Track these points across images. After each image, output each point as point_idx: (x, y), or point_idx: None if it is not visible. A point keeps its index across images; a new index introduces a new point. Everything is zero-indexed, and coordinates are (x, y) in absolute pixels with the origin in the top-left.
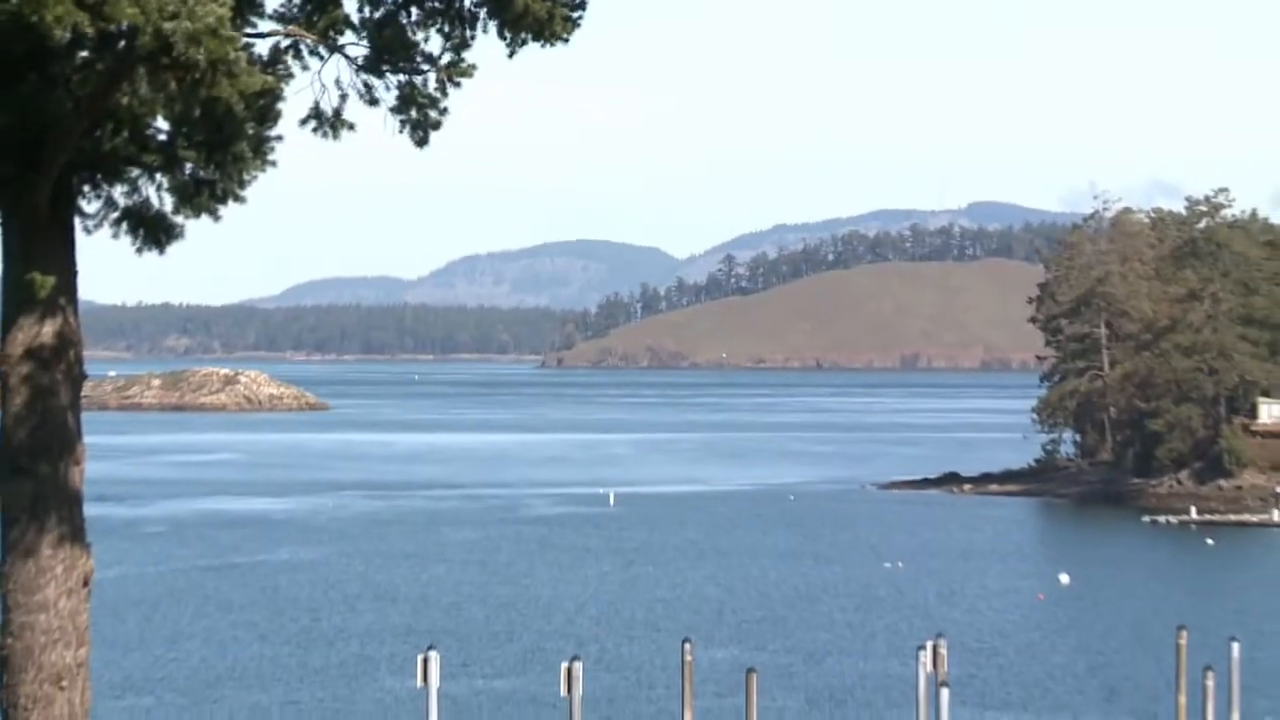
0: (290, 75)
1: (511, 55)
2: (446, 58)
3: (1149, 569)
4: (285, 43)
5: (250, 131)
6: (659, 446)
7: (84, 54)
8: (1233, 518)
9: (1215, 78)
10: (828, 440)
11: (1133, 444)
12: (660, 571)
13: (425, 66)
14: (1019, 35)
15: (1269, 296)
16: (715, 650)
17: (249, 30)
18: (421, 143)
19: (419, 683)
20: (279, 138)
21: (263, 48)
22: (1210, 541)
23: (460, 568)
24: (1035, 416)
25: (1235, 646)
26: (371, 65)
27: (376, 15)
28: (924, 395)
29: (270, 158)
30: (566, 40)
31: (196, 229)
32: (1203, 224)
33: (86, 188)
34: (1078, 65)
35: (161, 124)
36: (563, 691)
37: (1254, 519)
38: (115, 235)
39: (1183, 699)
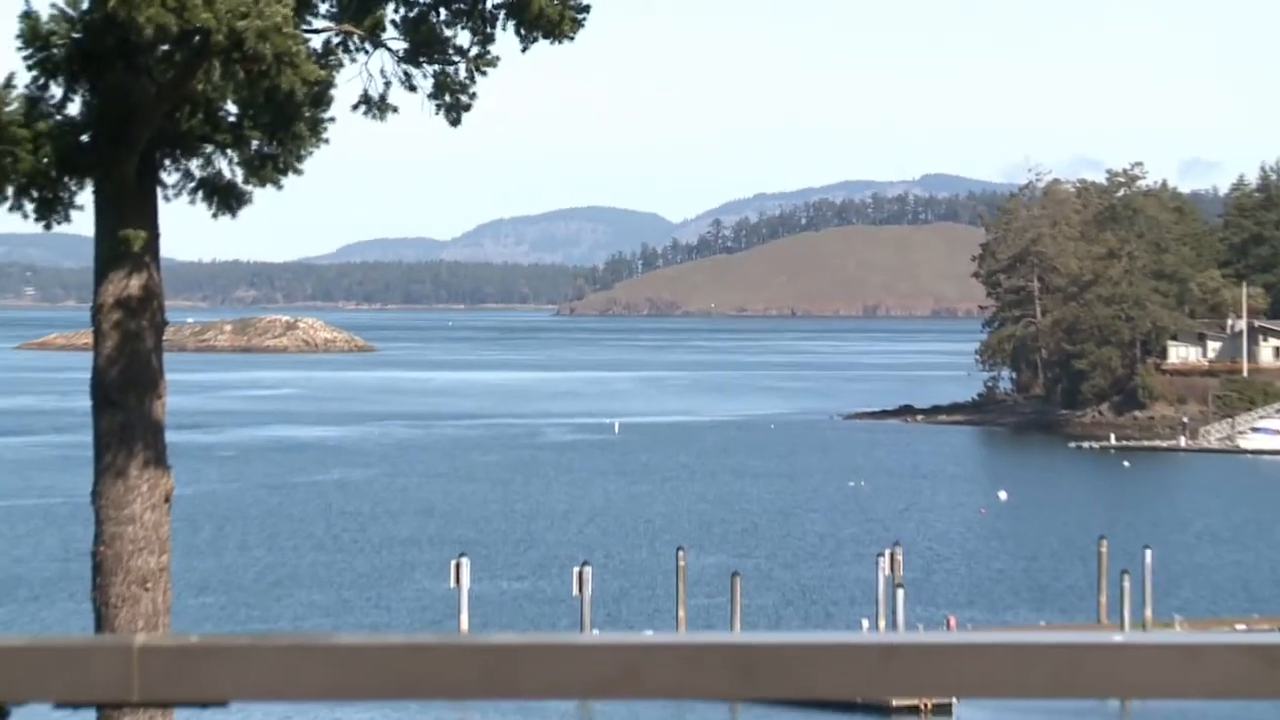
0: (341, 65)
1: (525, 50)
2: (474, 51)
3: (1075, 487)
4: (337, 38)
5: (307, 114)
6: (657, 383)
7: (165, 47)
8: (1146, 443)
9: (1131, 63)
10: (801, 377)
11: (1061, 381)
12: (658, 489)
13: (456, 58)
14: (969, 30)
15: (1177, 254)
16: (705, 557)
17: (307, 27)
18: (454, 123)
19: (452, 584)
20: (332, 119)
21: (318, 42)
22: (1127, 464)
23: (486, 486)
24: (978, 357)
25: (1148, 553)
26: (410, 57)
27: (412, 14)
28: (883, 339)
29: (324, 136)
30: (572, 39)
31: (262, 196)
32: (1121, 193)
33: (167, 161)
34: (1014, 53)
35: (231, 107)
36: (574, 591)
37: (1164, 444)
38: (192, 201)
39: (1103, 598)
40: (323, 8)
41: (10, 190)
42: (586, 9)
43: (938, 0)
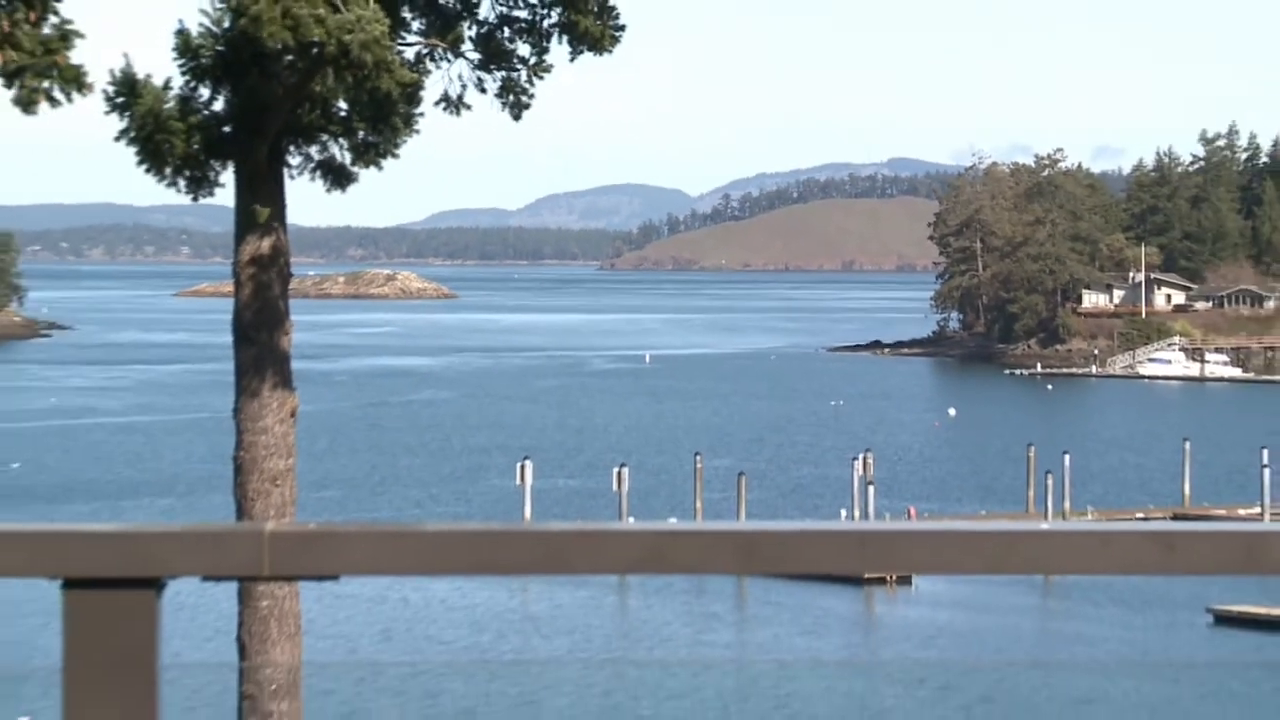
0: (428, 72)
1: (573, 60)
2: (533, 60)
3: (1008, 405)
4: (425, 50)
5: (401, 110)
6: (679, 323)
7: (288, 58)
8: (1065, 371)
9: (1055, 65)
10: (793, 319)
11: (997, 321)
12: (680, 407)
13: (519, 67)
14: (928, 37)
15: (1089, 221)
16: (716, 460)
17: (401, 41)
18: (517, 118)
19: (517, 482)
20: (421, 113)
21: (410, 53)
22: (1050, 387)
23: (544, 404)
24: (932, 303)
25: (1067, 458)
26: (482, 66)
27: (484, 32)
28: (857, 289)
29: (415, 127)
30: (611, 52)
31: (366, 175)
32: (1045, 173)
33: (291, 148)
34: (964, 58)
35: (341, 104)
36: (614, 488)
37: (1079, 371)
38: (311, 179)
39: (1031, 493)
40: (414, 26)
41: (168, 170)
42: (623, 28)
43: (906, 12)
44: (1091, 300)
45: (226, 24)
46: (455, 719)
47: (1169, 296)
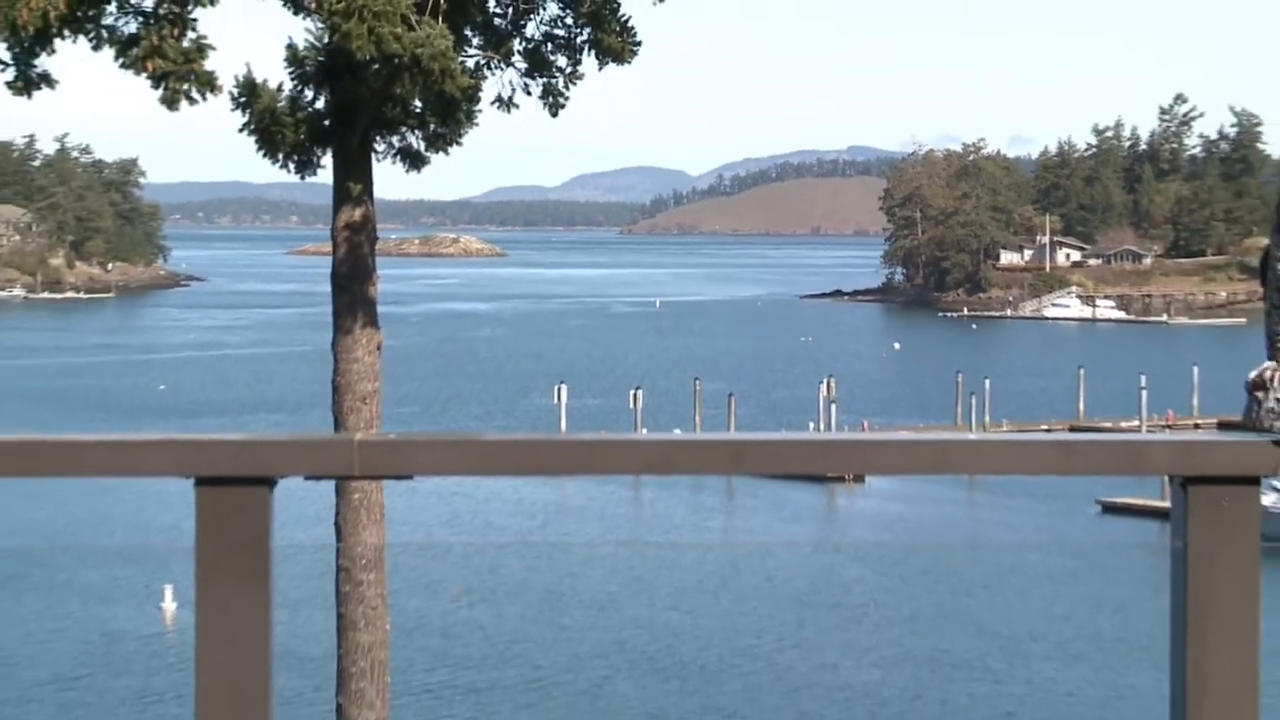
0: (485, 77)
1: (600, 69)
2: (569, 69)
3: (941, 341)
4: (482, 61)
5: (464, 108)
6: (682, 276)
7: (375, 66)
8: (986, 314)
9: (977, 65)
10: (772, 273)
11: (933, 275)
12: (683, 341)
13: (557, 74)
14: (880, 40)
15: (1005, 196)
16: (711, 384)
17: (463, 54)
18: (555, 115)
19: (554, 401)
20: (480, 110)
21: (469, 62)
22: (974, 326)
23: (576, 340)
24: (882, 260)
25: (987, 382)
26: (528, 74)
27: (530, 47)
28: (822, 249)
29: (474, 121)
30: (629, 62)
31: (437, 159)
32: (971, 157)
33: (377, 137)
34: (907, 59)
35: (417, 103)
36: (630, 406)
37: (997, 314)
38: (393, 162)
39: (959, 409)
40: (474, 41)
41: (281, 155)
42: (640, 43)
43: (862, 23)
44: (1007, 258)
45: (326, 40)
46: (510, 588)
47: (1068, 255)
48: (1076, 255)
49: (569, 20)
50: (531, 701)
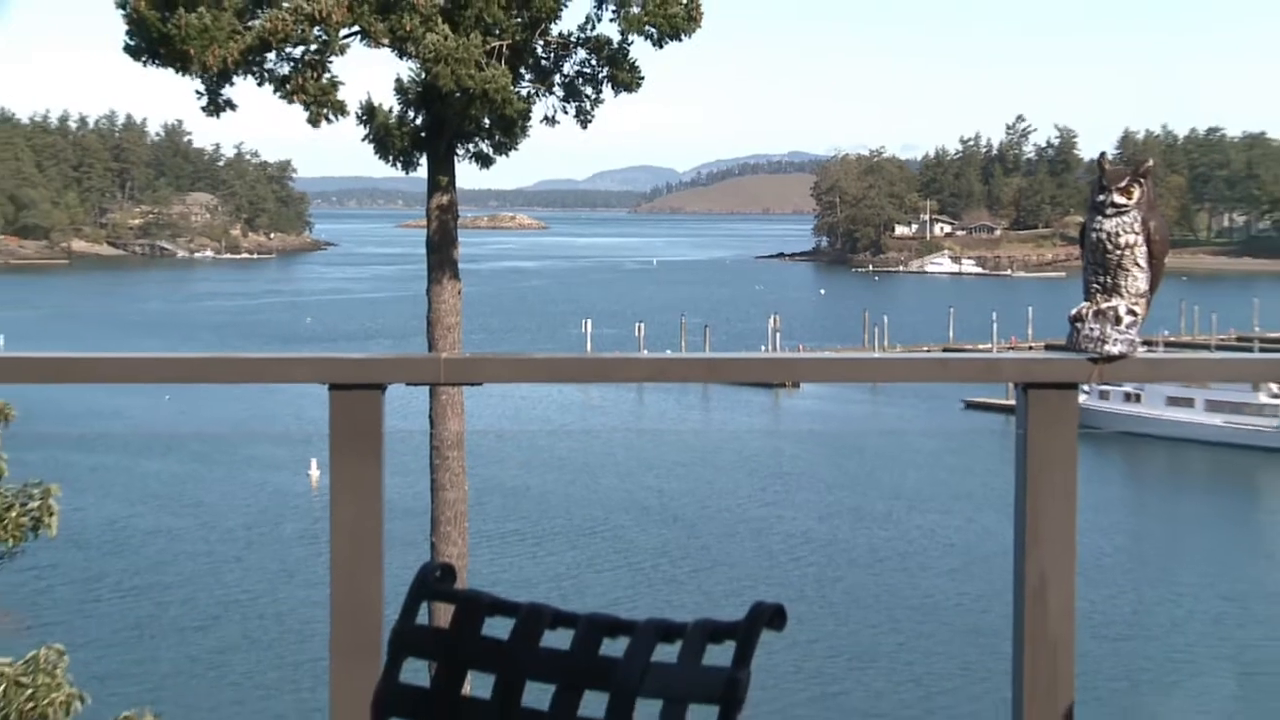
0: (535, 101)
1: (615, 96)
2: (593, 96)
3: (853, 289)
4: (532, 90)
5: (519, 124)
6: (673, 242)
7: (456, 95)
8: (885, 269)
9: (880, 84)
10: (735, 240)
11: (848, 242)
12: (672, 289)
13: (586, 100)
14: (811, 62)
15: (898, 186)
16: (692, 319)
17: (519, 86)
18: (584, 127)
19: (582, 330)
20: (530, 125)
21: (524, 92)
22: (876, 278)
23: (596, 288)
24: (813, 232)
25: (885, 317)
26: (565, 99)
27: (566, 81)
28: (771, 224)
29: (527, 133)
30: (636, 91)
31: (501, 161)
32: (875, 159)
33: (458, 144)
34: (826, 77)
35: (485, 120)
36: (635, 334)
37: (893, 270)
38: (469, 162)
39: (866, 336)
40: (527, 77)
41: (391, 157)
42: (643, 78)
43: (805, 51)
44: (900, 230)
45: (422, 77)
46: (554, 463)
47: (942, 228)
48: (948, 228)
49: (593, 62)
50: (574, 544)
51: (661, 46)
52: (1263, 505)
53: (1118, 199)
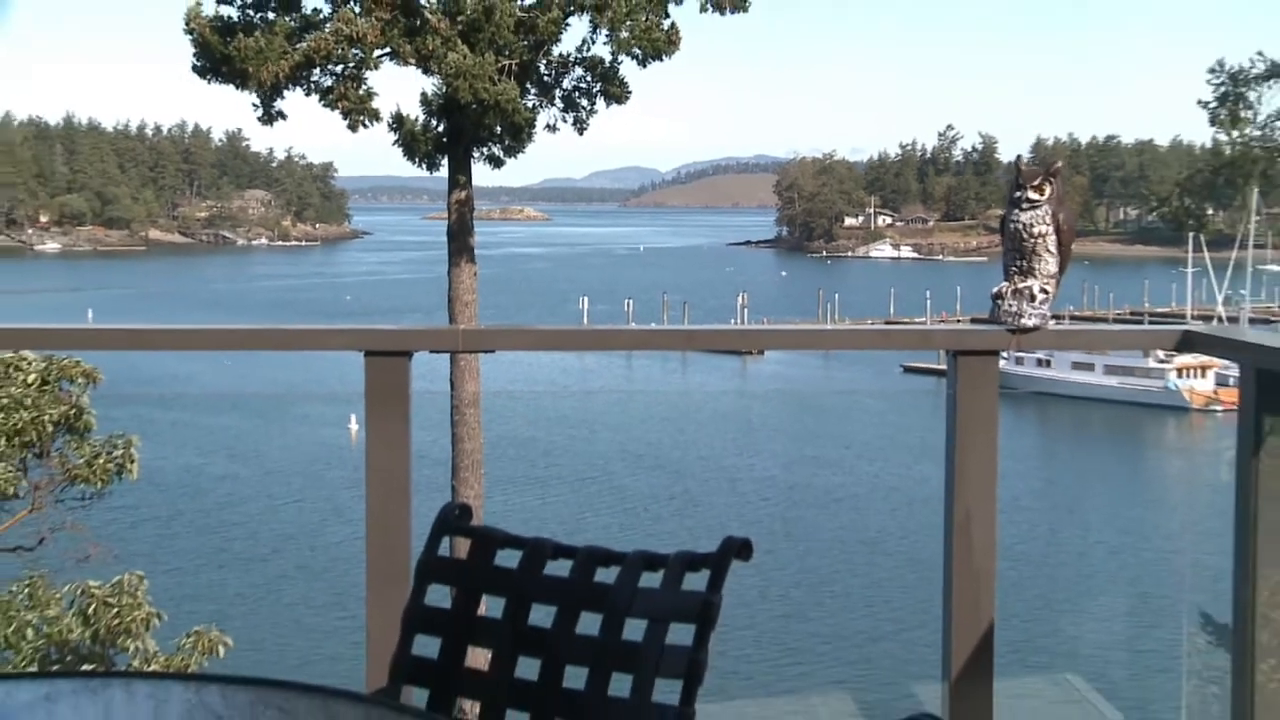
0: (539, 111)
1: (607, 107)
2: (589, 107)
3: (810, 271)
4: (536, 102)
5: (526, 131)
6: (657, 232)
7: (473, 105)
8: (836, 255)
9: (832, 93)
10: (709, 229)
11: (804, 231)
12: (656, 271)
13: (583, 110)
14: (769, 73)
15: (847, 184)
16: (673, 296)
17: (525, 98)
18: (581, 134)
19: (579, 307)
20: (535, 131)
21: (529, 103)
22: (829, 262)
23: (591, 271)
24: (776, 223)
25: (836, 295)
26: (564, 110)
27: (565, 94)
28: (741, 216)
29: (532, 139)
30: (625, 103)
31: (510, 163)
32: (827, 161)
33: (474, 148)
34: (784, 86)
35: (498, 128)
36: (625, 310)
37: (844, 255)
38: (484, 164)
39: (820, 310)
40: (532, 91)
41: (417, 159)
42: (630, 92)
43: (767, 64)
44: (849, 221)
45: (443, 90)
46: (556, 419)
47: (884, 220)
48: (889, 220)
49: (589, 78)
50: (575, 489)
51: (646, 65)
52: (1149, 453)
53: (1032, 195)
